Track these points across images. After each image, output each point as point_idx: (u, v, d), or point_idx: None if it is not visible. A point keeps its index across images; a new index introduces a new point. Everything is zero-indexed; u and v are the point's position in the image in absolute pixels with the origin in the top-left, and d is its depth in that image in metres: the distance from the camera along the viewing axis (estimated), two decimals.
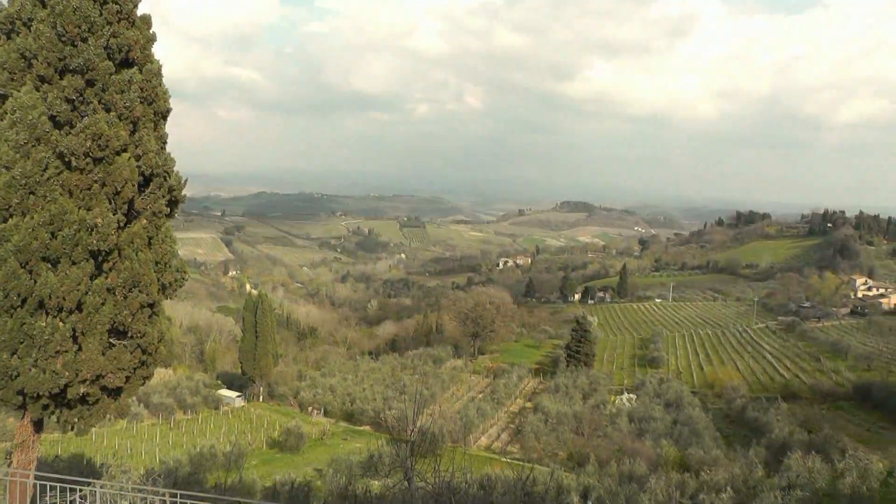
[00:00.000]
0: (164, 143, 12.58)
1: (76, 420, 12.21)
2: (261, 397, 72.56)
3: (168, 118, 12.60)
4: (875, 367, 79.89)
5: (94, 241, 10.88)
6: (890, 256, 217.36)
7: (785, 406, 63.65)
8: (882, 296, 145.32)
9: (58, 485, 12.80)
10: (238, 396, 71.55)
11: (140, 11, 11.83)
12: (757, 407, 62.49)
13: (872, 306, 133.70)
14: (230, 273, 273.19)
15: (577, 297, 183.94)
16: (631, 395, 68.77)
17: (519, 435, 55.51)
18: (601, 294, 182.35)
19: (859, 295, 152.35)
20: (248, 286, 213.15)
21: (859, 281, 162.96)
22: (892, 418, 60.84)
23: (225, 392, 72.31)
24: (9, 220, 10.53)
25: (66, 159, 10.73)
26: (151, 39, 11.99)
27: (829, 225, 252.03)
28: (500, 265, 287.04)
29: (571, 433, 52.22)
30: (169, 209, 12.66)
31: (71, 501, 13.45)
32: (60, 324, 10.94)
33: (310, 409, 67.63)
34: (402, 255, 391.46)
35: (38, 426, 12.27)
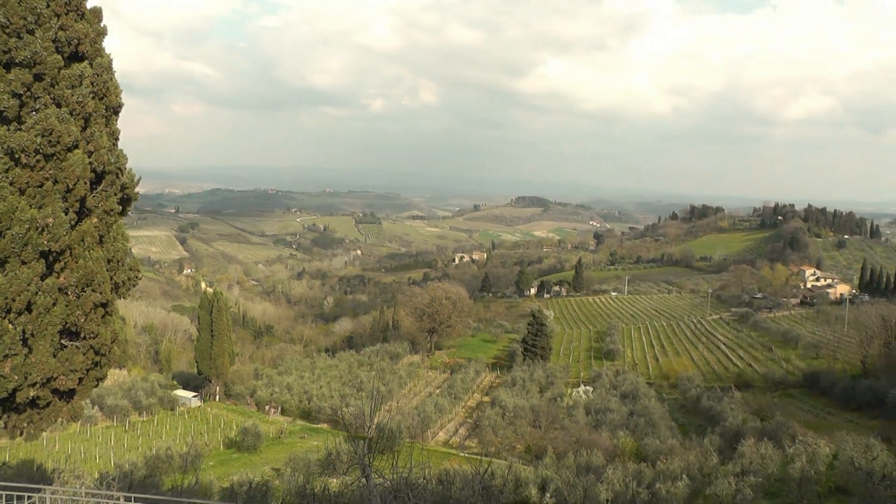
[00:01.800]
0: (117, 139, 12.32)
1: (25, 425, 11.89)
2: (217, 397, 71.70)
3: (120, 113, 12.34)
4: (823, 355, 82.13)
5: (45, 241, 10.60)
6: (836, 248, 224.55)
7: (739, 395, 64.98)
8: (829, 286, 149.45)
9: (4, 493, 12.48)
10: (194, 396, 70.65)
11: (91, 3, 11.55)
12: (711, 396, 63.68)
13: (820, 296, 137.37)
14: (185, 271, 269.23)
15: (532, 291, 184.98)
16: (587, 388, 69.44)
17: (477, 429, 55.59)
18: (557, 288, 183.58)
19: (808, 285, 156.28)
20: (203, 284, 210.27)
21: (808, 272, 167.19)
22: (838, 404, 62.76)
23: (181, 392, 71.35)
24: None
25: (16, 156, 10.41)
26: (102, 33, 11.70)
27: (779, 218, 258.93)
28: (456, 260, 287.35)
29: (529, 426, 52.44)
30: (121, 207, 12.42)
31: None
32: (9, 325, 10.62)
33: (267, 407, 67.08)
34: (358, 252, 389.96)
35: None
